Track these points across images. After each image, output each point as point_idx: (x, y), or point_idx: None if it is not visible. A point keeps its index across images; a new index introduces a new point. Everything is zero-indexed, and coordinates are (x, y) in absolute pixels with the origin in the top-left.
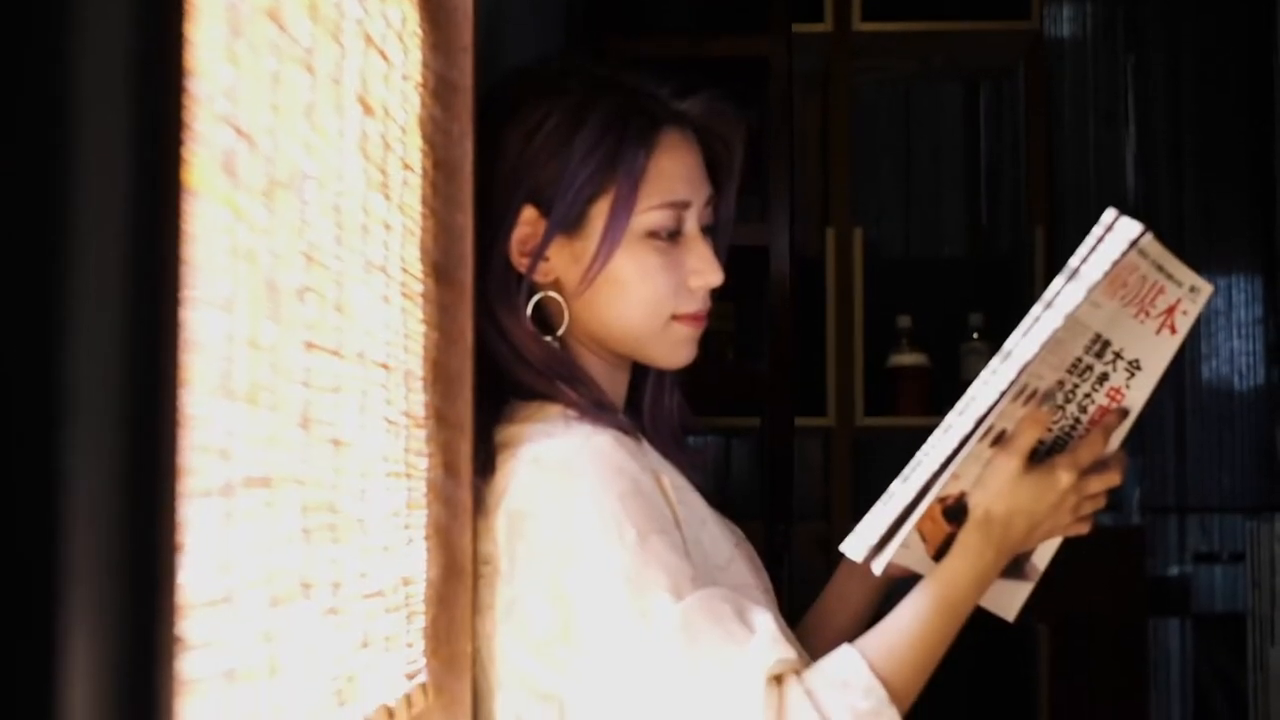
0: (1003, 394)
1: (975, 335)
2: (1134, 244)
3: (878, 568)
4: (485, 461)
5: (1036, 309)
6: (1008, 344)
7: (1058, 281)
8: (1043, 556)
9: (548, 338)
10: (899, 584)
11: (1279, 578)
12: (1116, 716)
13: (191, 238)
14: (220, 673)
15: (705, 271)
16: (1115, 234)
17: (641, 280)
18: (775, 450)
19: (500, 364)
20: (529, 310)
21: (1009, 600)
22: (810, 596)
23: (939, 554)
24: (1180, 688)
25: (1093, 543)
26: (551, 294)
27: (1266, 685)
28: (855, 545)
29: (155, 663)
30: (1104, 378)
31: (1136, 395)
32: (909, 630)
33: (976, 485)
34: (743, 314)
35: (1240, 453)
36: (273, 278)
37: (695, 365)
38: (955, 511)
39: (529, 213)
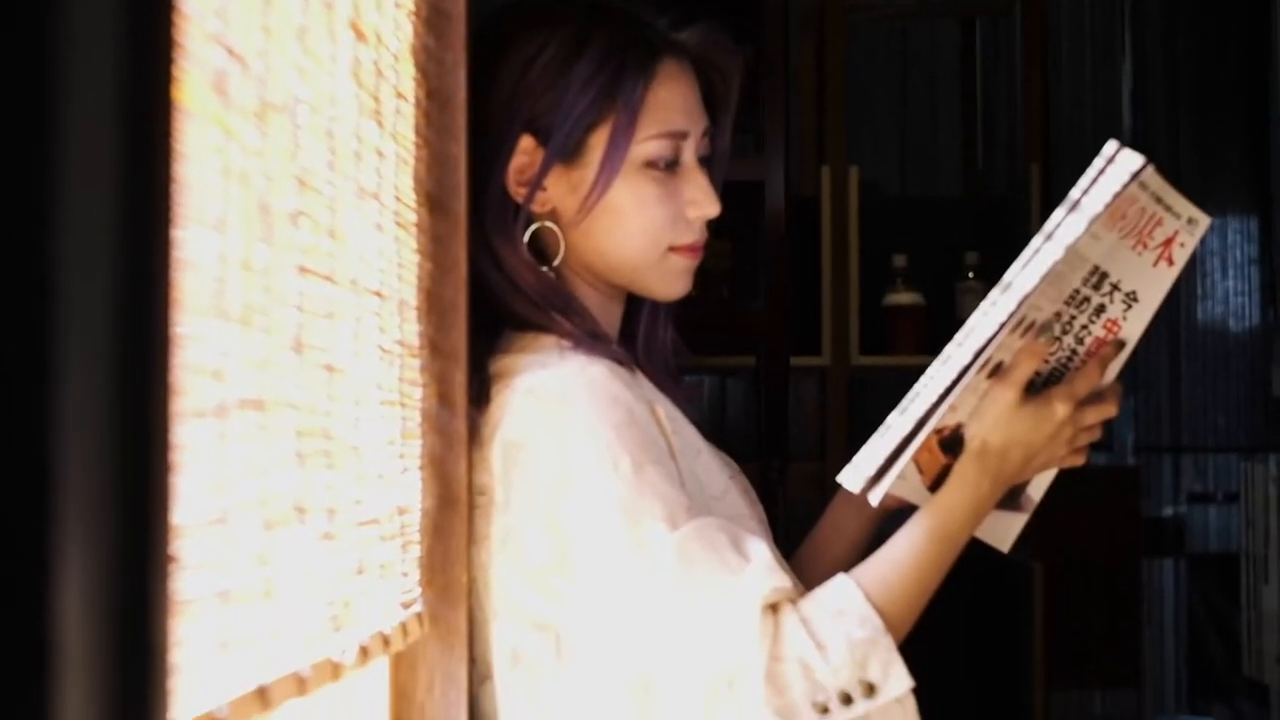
0: (1002, 326)
1: (971, 274)
2: (1135, 176)
3: (874, 498)
4: (480, 392)
5: (1036, 241)
6: (1007, 276)
7: (1058, 213)
8: (1038, 488)
9: (543, 268)
10: (893, 516)
11: (1273, 517)
12: (1110, 655)
13: (183, 156)
14: (215, 594)
15: (702, 202)
16: (1116, 166)
17: (639, 210)
18: (770, 388)
19: (495, 294)
20: (525, 240)
21: (1004, 531)
22: (805, 535)
23: (935, 485)
24: (1174, 627)
25: (1088, 483)
26: (548, 224)
27: (1260, 623)
28: (852, 476)
29: (149, 582)
30: (1101, 309)
31: (1133, 327)
32: (904, 560)
33: (973, 417)
34: (738, 252)
35: (1235, 393)
36: (265, 200)
37: (691, 303)
38: (952, 443)
39: (526, 142)
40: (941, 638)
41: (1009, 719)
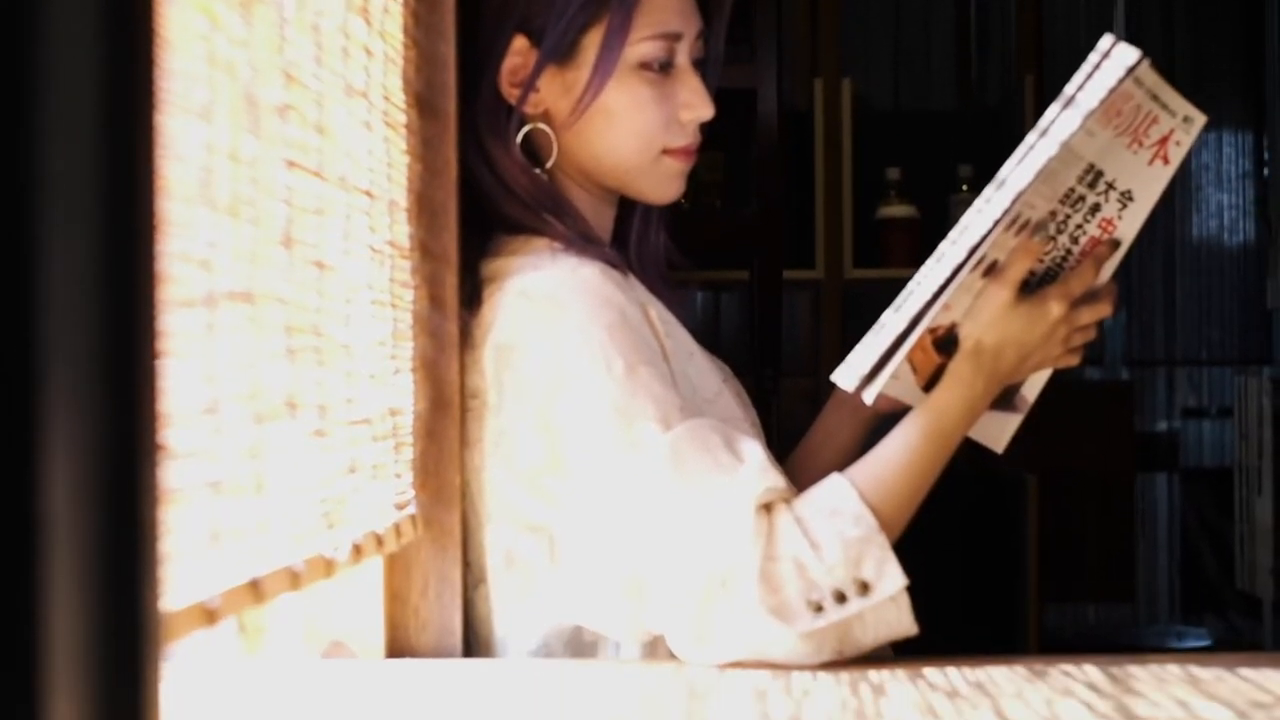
0: (996, 222)
1: (965, 187)
2: (1130, 71)
3: (868, 397)
4: (471, 295)
5: (1031, 137)
6: (1002, 172)
7: (1053, 109)
8: (1033, 388)
9: (536, 170)
10: (885, 420)
11: (1266, 430)
12: (1104, 569)
13: (167, 40)
14: (206, 484)
15: (696, 104)
16: (1112, 60)
17: (633, 112)
18: (764, 298)
19: (487, 196)
20: (518, 142)
21: (998, 432)
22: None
23: (929, 385)
24: (1167, 541)
25: (1082, 397)
26: (540, 126)
27: (1253, 535)
28: (846, 374)
29: (137, 466)
30: (1096, 208)
31: (1128, 226)
32: (898, 460)
33: (968, 316)
34: (730, 164)
35: (1228, 307)
36: (251, 92)
37: (684, 214)
38: (946, 342)
39: (519, 42)
40: (936, 550)
41: (1003, 631)
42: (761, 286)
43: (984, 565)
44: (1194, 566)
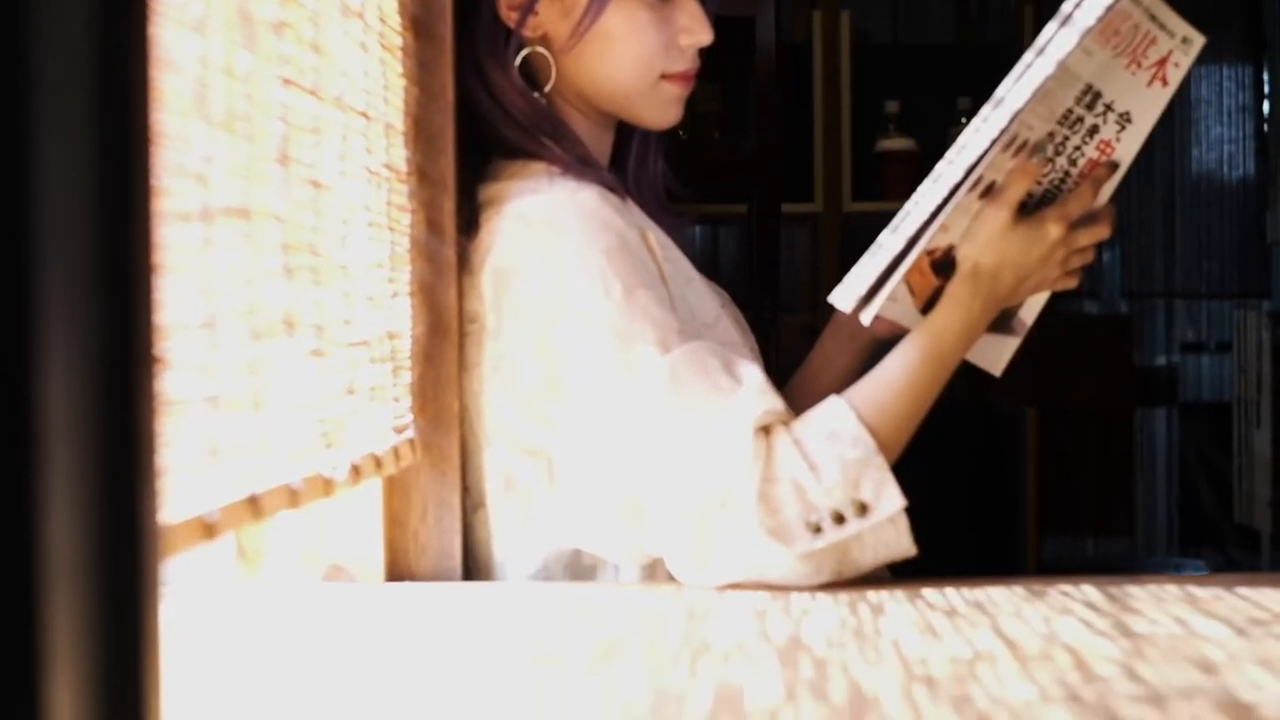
0: (993, 142)
1: (964, 119)
2: None
3: (866, 318)
4: (469, 219)
5: (1028, 56)
6: (999, 91)
7: (1050, 27)
8: (1030, 311)
9: (534, 94)
10: (883, 346)
11: (1265, 362)
12: (1102, 502)
13: None
14: (203, 398)
15: (695, 29)
16: None
17: (632, 36)
18: (762, 231)
19: (486, 120)
20: (516, 65)
21: (996, 354)
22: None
23: (927, 307)
24: (1166, 475)
25: (1081, 331)
26: (539, 49)
27: (1252, 468)
28: (843, 295)
29: (133, 378)
30: (1094, 130)
31: (1126, 148)
32: (896, 382)
33: (965, 238)
34: (729, 95)
35: (1227, 241)
36: (245, 6)
37: (681, 146)
38: (943, 264)
39: None
40: (935, 485)
41: (1002, 564)
42: (760, 220)
43: (983, 499)
44: (1192, 500)
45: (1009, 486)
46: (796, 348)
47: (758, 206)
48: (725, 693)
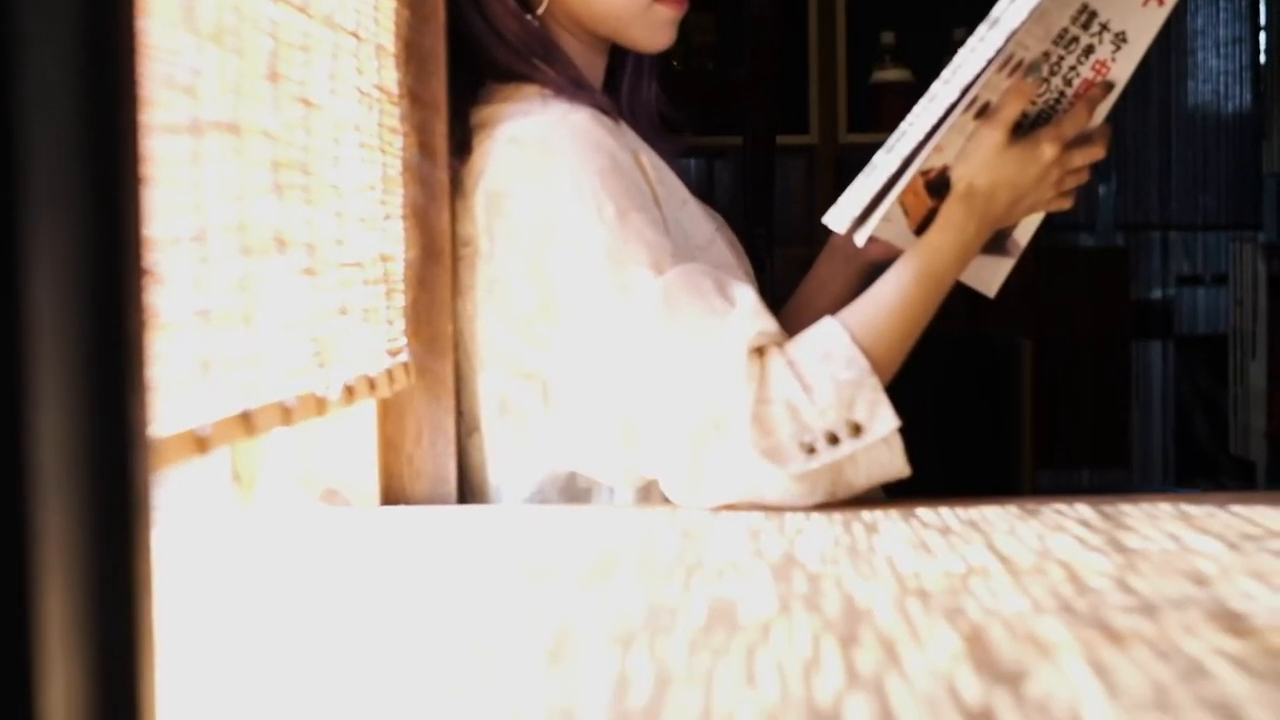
0: (989, 62)
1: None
2: None
3: (860, 239)
4: (462, 142)
5: None
6: (995, 11)
7: None
8: (1025, 233)
9: (527, 16)
10: (878, 270)
11: (1261, 294)
12: (1098, 434)
13: None
14: (194, 312)
15: None
16: None
17: None
18: (757, 162)
19: (478, 42)
20: None
21: (990, 276)
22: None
23: (921, 228)
24: (1161, 407)
25: (1077, 263)
26: None
27: (1247, 399)
28: (838, 216)
29: (121, 287)
30: (1090, 50)
31: (1122, 68)
32: (891, 303)
33: (960, 158)
34: (724, 26)
35: (1223, 172)
36: None
37: (676, 76)
38: (938, 185)
39: None
40: (930, 415)
41: (997, 493)
42: (754, 151)
43: (978, 430)
44: (1188, 432)
45: (1005, 419)
46: (792, 281)
47: (752, 138)
48: (719, 606)
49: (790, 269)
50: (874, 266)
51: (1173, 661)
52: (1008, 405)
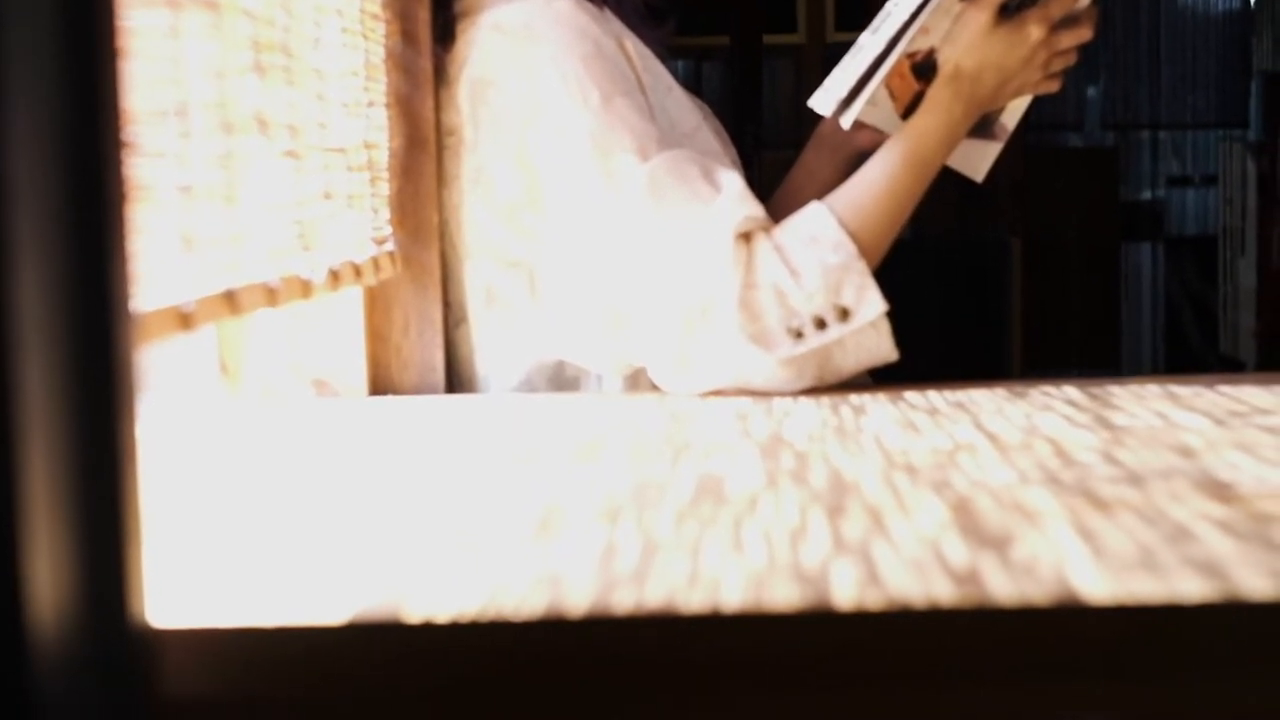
0: None
1: None
2: None
3: (846, 122)
4: (445, 30)
5: None
6: None
7: None
8: (1012, 116)
9: None
10: (865, 158)
11: (1250, 192)
12: (1087, 335)
13: None
14: (175, 187)
15: None
16: None
17: None
18: (744, 61)
19: None
20: None
21: (978, 160)
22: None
23: (908, 112)
24: (1151, 308)
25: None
26: None
27: (1236, 298)
28: (823, 99)
29: (99, 155)
30: None
31: None
32: (877, 186)
33: (946, 40)
34: None
35: (1212, 71)
36: None
37: None
38: (924, 68)
39: None
40: (918, 316)
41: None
42: (741, 51)
43: (968, 332)
44: (1177, 334)
45: (994, 320)
46: (779, 183)
47: (739, 38)
48: (707, 482)
49: (778, 172)
50: (861, 155)
51: (1159, 526)
52: (997, 306)
